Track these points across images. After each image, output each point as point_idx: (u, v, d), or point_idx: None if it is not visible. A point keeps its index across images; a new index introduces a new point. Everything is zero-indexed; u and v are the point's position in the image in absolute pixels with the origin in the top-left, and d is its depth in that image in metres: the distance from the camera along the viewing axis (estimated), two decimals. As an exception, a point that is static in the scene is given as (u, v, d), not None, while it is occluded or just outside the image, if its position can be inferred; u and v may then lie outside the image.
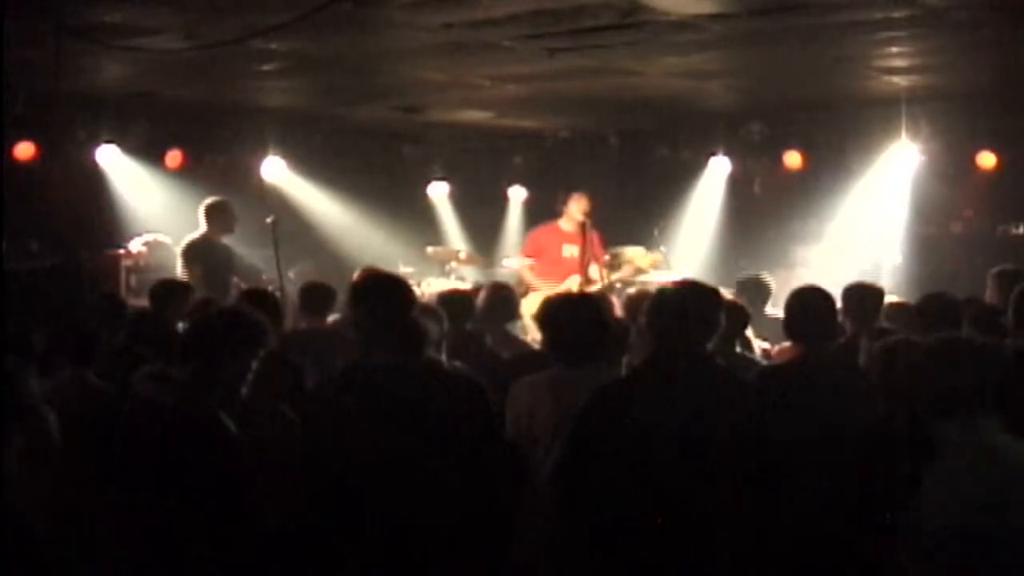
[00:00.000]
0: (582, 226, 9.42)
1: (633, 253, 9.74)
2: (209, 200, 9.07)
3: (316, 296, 6.80)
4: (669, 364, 3.85)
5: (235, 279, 8.71)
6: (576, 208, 9.44)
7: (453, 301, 6.32)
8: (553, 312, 4.70)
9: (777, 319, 5.50)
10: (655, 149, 13.09)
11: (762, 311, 7.28)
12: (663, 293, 4.05)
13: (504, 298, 6.74)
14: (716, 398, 3.79)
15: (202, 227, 8.96)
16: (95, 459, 4.78)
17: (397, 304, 4.19)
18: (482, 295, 6.77)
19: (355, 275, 7.36)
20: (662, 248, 10.19)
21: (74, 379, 5.19)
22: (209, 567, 3.64)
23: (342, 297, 6.76)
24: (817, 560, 3.82)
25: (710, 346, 3.92)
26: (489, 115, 11.67)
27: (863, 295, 5.96)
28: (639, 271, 9.56)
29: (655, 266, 9.58)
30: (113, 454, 3.94)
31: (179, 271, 8.87)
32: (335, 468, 3.93)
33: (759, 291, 7.47)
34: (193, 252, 8.84)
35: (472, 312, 6.39)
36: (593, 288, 8.84)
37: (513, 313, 6.89)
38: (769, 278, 7.73)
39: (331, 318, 6.88)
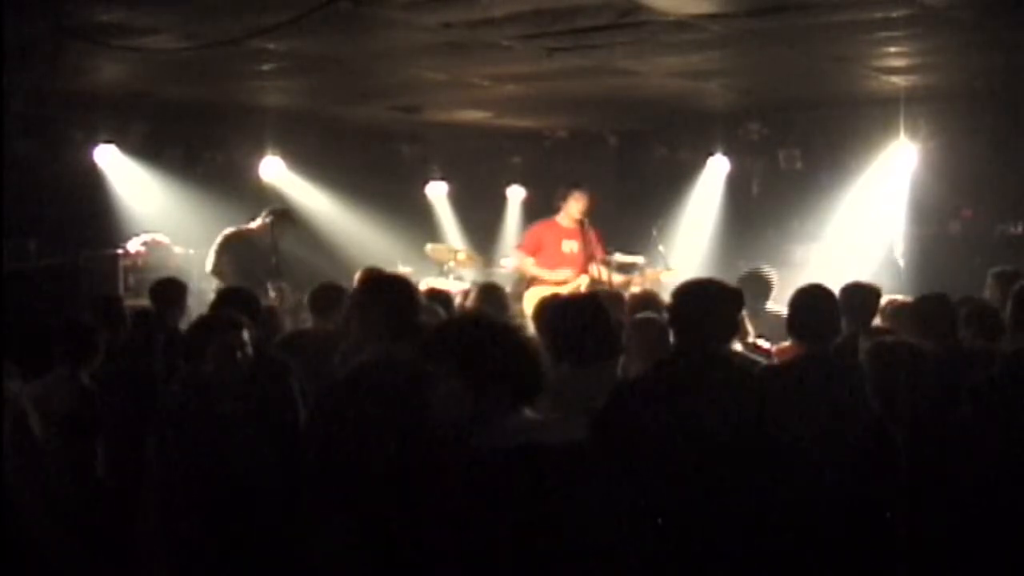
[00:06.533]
0: (580, 223, 9.44)
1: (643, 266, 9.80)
2: (281, 208, 9.38)
3: (325, 297, 6.75)
4: (690, 362, 3.85)
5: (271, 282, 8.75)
6: (575, 207, 9.43)
7: (433, 301, 6.32)
8: (557, 313, 4.70)
9: (778, 315, 5.51)
10: (654, 149, 13.11)
11: (763, 306, 7.29)
12: (685, 291, 4.04)
13: (494, 299, 6.75)
14: (737, 396, 3.79)
15: (258, 222, 9.05)
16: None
17: (412, 304, 4.25)
18: (472, 296, 6.78)
19: (356, 276, 7.44)
20: (661, 247, 10.19)
21: (66, 379, 5.21)
22: None
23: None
24: (821, 557, 3.83)
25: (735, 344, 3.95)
26: (488, 115, 11.68)
27: (860, 294, 5.98)
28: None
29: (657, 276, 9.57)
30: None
31: (212, 258, 8.93)
32: (346, 463, 3.93)
33: (760, 286, 7.46)
34: (226, 244, 8.94)
35: (452, 312, 6.38)
36: (600, 287, 8.83)
37: (503, 313, 6.89)
38: (771, 272, 7.71)
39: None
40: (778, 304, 6.71)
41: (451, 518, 2.95)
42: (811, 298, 5.03)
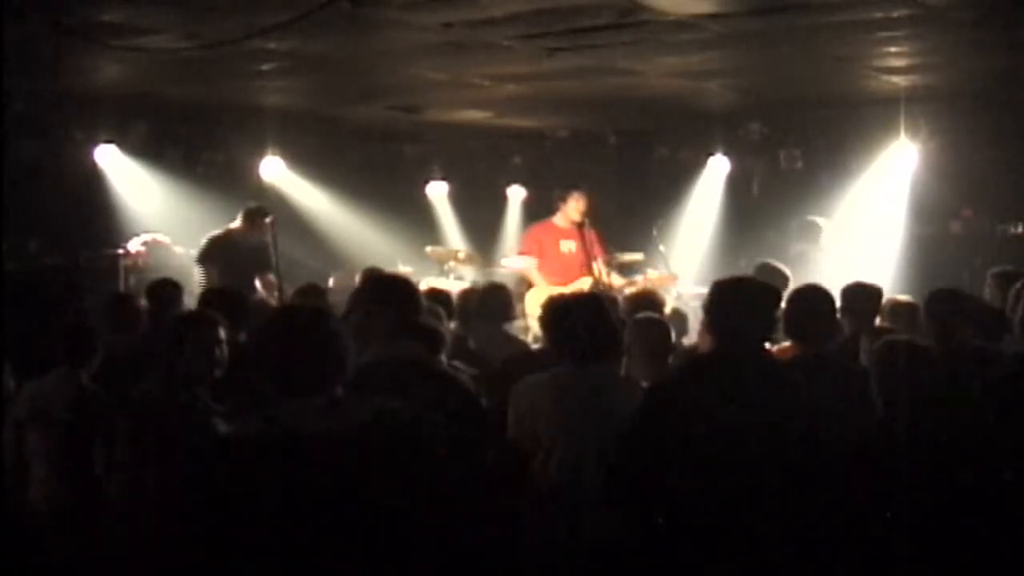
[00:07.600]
0: (579, 223, 9.42)
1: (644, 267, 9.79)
2: (256, 205, 9.30)
3: (306, 297, 6.82)
4: (730, 360, 3.85)
5: (270, 276, 8.79)
6: (574, 208, 9.41)
7: (434, 301, 6.33)
8: (559, 312, 4.70)
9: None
10: (654, 149, 13.11)
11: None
12: (722, 289, 4.03)
13: (500, 298, 6.74)
14: (777, 394, 3.79)
15: (235, 223, 9.04)
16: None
17: (415, 303, 4.28)
18: (478, 295, 6.77)
19: (357, 277, 7.47)
20: (661, 247, 10.19)
21: (66, 379, 5.21)
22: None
23: (335, 298, 6.84)
24: (821, 557, 3.83)
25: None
26: (488, 115, 11.68)
27: (862, 294, 5.97)
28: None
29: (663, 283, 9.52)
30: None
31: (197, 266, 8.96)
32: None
33: (775, 280, 7.37)
34: (210, 248, 8.94)
35: (451, 312, 6.39)
36: (601, 288, 8.81)
37: (509, 313, 6.89)
38: (785, 268, 7.63)
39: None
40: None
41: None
42: (807, 298, 5.04)
